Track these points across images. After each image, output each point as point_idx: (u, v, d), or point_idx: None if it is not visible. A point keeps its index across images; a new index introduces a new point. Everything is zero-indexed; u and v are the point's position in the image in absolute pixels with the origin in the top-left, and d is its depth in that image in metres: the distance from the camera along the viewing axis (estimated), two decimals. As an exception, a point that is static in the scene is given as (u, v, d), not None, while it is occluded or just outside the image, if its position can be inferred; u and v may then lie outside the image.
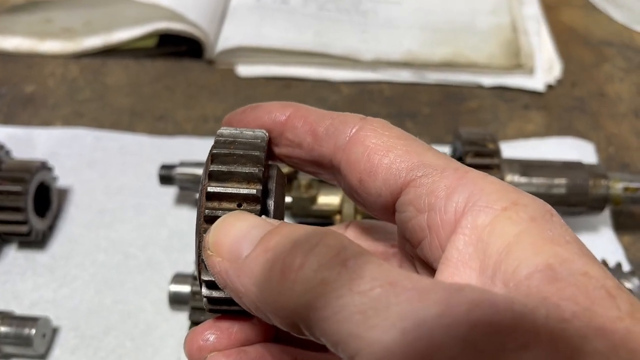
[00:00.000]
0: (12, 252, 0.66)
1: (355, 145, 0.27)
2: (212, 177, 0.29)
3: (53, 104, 0.83)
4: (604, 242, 0.66)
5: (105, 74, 0.88)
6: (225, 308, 0.28)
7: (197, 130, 0.79)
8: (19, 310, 0.61)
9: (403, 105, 0.83)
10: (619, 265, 0.62)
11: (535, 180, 0.61)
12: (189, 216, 0.69)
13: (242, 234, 0.24)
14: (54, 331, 0.59)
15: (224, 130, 0.32)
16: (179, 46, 0.90)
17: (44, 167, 0.66)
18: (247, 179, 0.28)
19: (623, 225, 0.68)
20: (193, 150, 0.76)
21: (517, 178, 0.61)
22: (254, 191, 0.27)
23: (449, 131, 0.79)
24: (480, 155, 0.60)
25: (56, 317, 0.60)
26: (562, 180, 0.61)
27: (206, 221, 0.27)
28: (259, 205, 0.27)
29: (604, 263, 0.62)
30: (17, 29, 0.92)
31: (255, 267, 0.23)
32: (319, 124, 0.29)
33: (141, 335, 0.60)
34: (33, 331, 0.56)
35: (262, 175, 0.28)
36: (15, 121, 0.80)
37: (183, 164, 0.65)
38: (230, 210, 0.27)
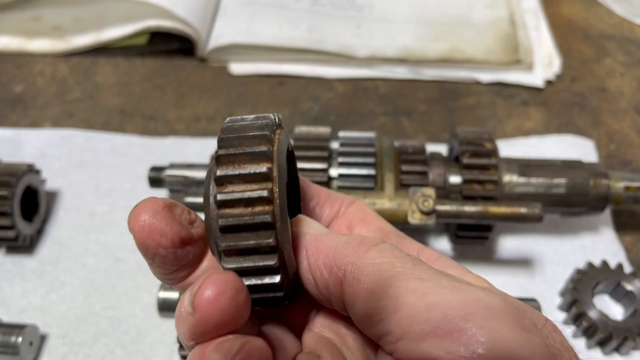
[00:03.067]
0: (0, 258, 0.65)
1: (353, 207, 0.38)
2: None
3: (42, 104, 0.81)
4: (604, 243, 0.65)
5: (95, 72, 0.86)
6: (256, 297, 0.29)
7: (188, 130, 0.77)
8: (7, 317, 0.59)
9: (399, 102, 0.81)
10: (620, 267, 0.60)
11: (534, 180, 0.59)
12: (180, 219, 0.68)
13: (319, 225, 0.33)
14: (42, 338, 0.58)
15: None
16: (171, 44, 0.88)
17: (30, 170, 0.64)
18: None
19: (624, 225, 0.67)
20: (185, 150, 0.74)
21: (515, 178, 0.59)
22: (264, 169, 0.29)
23: (445, 129, 0.77)
24: (477, 156, 0.58)
25: (44, 324, 0.59)
26: (561, 180, 0.59)
27: (219, 207, 0.29)
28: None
29: (605, 264, 0.60)
30: (5, 28, 0.90)
31: (334, 237, 0.31)
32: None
33: (131, 342, 0.58)
34: (20, 339, 0.54)
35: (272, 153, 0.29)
36: (3, 122, 0.79)
37: (173, 166, 0.64)
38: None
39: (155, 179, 0.64)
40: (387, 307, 0.27)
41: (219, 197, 0.28)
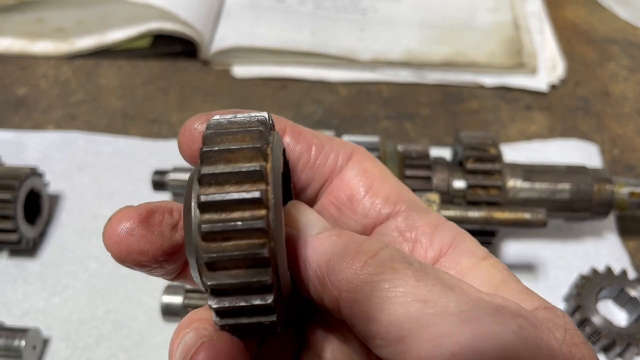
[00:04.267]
0: (3, 261, 0.65)
1: (352, 167, 0.32)
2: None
3: (45, 106, 0.81)
4: (608, 248, 0.65)
5: (98, 75, 0.86)
6: (240, 322, 0.26)
7: (191, 133, 0.77)
8: (10, 320, 0.59)
9: (402, 106, 0.81)
10: (624, 273, 0.60)
11: (538, 185, 0.59)
12: (182, 223, 0.67)
13: (313, 217, 0.29)
14: (45, 342, 0.58)
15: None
16: (174, 47, 0.88)
17: (33, 173, 0.64)
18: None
19: (628, 230, 0.67)
20: (187, 153, 0.74)
21: (519, 183, 0.59)
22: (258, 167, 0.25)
23: (448, 133, 0.77)
24: (481, 161, 0.58)
25: (47, 327, 0.59)
26: (565, 185, 0.59)
27: (202, 209, 0.24)
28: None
29: (609, 270, 0.60)
30: (8, 30, 0.90)
31: (327, 242, 0.27)
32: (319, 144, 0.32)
33: (134, 346, 0.58)
34: (23, 343, 0.54)
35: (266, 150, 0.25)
36: (6, 125, 0.79)
37: (176, 170, 0.64)
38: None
39: (159, 183, 0.64)
40: (389, 334, 0.24)
41: (204, 227, 0.24)
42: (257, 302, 0.25)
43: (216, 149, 0.25)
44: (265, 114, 0.28)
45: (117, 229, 0.27)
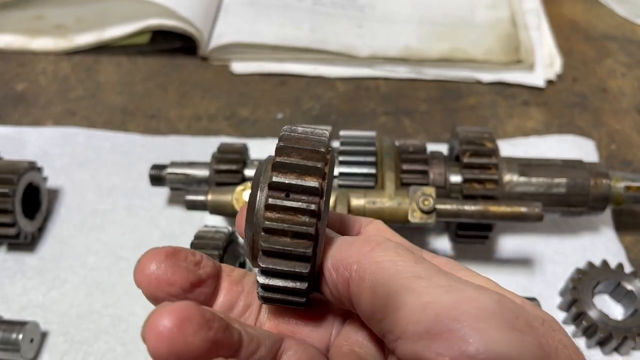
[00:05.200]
0: (1, 255, 0.65)
1: (371, 226, 0.39)
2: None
3: (44, 102, 0.82)
4: (605, 243, 0.65)
5: (97, 71, 0.86)
6: (280, 297, 0.32)
7: (190, 129, 0.78)
8: (8, 314, 0.60)
9: (400, 102, 0.81)
10: (620, 267, 0.60)
11: (535, 179, 0.59)
12: (180, 217, 0.68)
13: (336, 235, 0.35)
14: (43, 336, 0.58)
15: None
16: (173, 43, 0.88)
17: (32, 167, 0.64)
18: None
19: (625, 225, 0.67)
20: (186, 149, 0.75)
21: (515, 177, 0.59)
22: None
23: (446, 128, 0.77)
24: (477, 155, 0.58)
25: (45, 321, 0.59)
26: (562, 180, 0.59)
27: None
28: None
29: (605, 264, 0.60)
30: (8, 26, 0.91)
31: (344, 241, 0.32)
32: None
33: (132, 340, 0.58)
34: (21, 336, 0.55)
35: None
36: (5, 120, 0.79)
37: (174, 164, 0.64)
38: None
39: (156, 177, 0.64)
40: (388, 305, 0.28)
41: (267, 224, 0.30)
42: (296, 269, 0.30)
43: (289, 146, 0.31)
44: (327, 129, 0.34)
45: (146, 267, 0.31)
